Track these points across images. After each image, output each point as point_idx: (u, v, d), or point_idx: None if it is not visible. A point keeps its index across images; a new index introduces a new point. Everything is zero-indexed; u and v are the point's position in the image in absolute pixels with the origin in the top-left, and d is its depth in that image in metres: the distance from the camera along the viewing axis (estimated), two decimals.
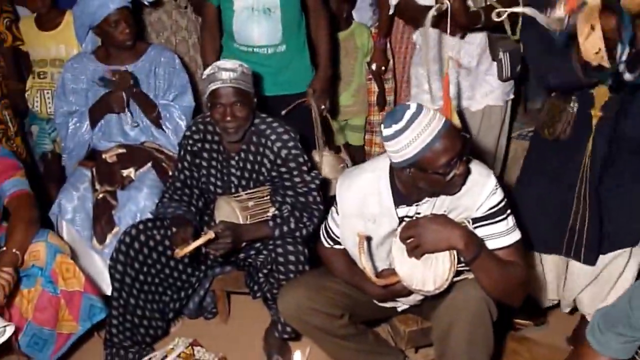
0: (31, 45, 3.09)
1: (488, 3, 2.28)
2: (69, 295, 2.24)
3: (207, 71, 2.33)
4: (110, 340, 2.39)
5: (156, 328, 2.46)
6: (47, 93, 3.10)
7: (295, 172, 2.33)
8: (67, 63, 2.88)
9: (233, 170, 2.43)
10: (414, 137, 1.73)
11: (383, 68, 3.24)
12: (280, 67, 2.80)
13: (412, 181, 1.82)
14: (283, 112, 2.73)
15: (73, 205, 2.64)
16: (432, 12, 2.08)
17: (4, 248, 2.15)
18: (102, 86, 2.70)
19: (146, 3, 2.94)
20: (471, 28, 2.37)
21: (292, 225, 2.29)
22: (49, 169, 3.20)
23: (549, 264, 2.35)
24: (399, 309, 2.14)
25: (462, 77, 2.64)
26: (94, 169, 2.77)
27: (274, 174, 2.37)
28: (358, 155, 3.48)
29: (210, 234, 2.13)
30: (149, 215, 2.52)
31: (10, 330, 2.07)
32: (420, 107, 1.76)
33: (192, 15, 3.33)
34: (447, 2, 2.12)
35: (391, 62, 3.31)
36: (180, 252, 2.12)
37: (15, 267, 2.12)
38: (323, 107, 2.84)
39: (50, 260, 2.21)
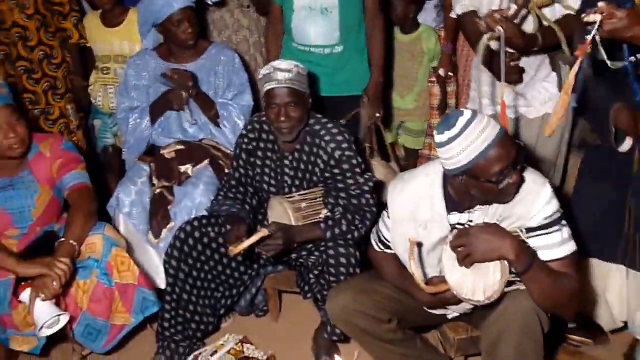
0: (95, 41, 3.18)
1: (544, 25, 2.19)
2: (123, 288, 2.30)
3: (263, 71, 2.34)
4: (162, 334, 2.43)
5: (207, 324, 2.49)
6: (110, 88, 3.17)
7: (348, 174, 2.31)
8: (130, 60, 2.95)
9: (287, 170, 2.43)
10: (467, 144, 1.69)
11: (450, 73, 3.18)
12: (336, 68, 2.78)
13: (464, 189, 1.78)
14: (343, 121, 2.70)
15: (131, 199, 2.70)
16: (485, 40, 2.01)
17: (63, 239, 2.22)
18: (164, 83, 2.75)
19: (210, 3, 2.96)
20: (529, 51, 2.29)
21: (345, 228, 2.27)
22: (109, 163, 3.29)
23: (612, 284, 2.25)
24: (449, 317, 2.10)
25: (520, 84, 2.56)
26: (152, 164, 2.82)
27: (327, 175, 2.36)
28: (411, 159, 3.43)
29: (264, 232, 2.15)
30: (204, 212, 2.56)
31: (65, 320, 2.14)
32: (474, 114, 1.71)
33: (254, 15, 3.35)
34: (501, 29, 2.02)
35: None
36: (235, 249, 2.15)
37: (72, 258, 2.18)
38: (378, 115, 2.80)
39: (107, 253, 2.27)
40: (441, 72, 3.18)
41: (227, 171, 2.73)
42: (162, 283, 2.57)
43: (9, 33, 2.91)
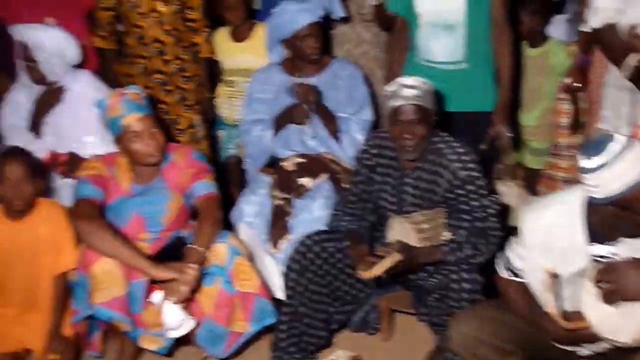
0: (223, 54, 3.29)
1: None
2: (244, 296, 2.35)
3: (389, 87, 2.33)
4: (276, 345, 2.46)
5: (320, 338, 2.50)
6: (235, 101, 3.27)
7: (473, 196, 2.25)
8: (255, 73, 3.04)
9: (407, 188, 2.40)
10: (620, 173, 1.59)
11: (579, 86, 3.02)
12: (461, 84, 2.72)
13: (611, 219, 1.67)
14: (481, 146, 2.64)
15: (253, 209, 2.77)
16: (631, 62, 1.88)
17: (191, 245, 2.30)
18: (289, 97, 2.81)
19: (337, 18, 3.00)
20: None
21: (469, 252, 2.21)
22: (231, 172, 3.39)
23: None
24: (579, 354, 1.98)
25: None
26: (273, 176, 2.89)
27: (450, 195, 2.31)
28: (531, 179, 3.29)
29: (397, 257, 2.13)
30: (322, 226, 2.58)
31: (191, 324, 2.22)
32: (628, 140, 1.61)
33: (375, 29, 3.35)
34: None
35: None
36: (366, 273, 2.14)
37: (201, 264, 2.26)
38: (508, 134, 2.71)
39: (230, 261, 2.33)
40: (568, 80, 3.03)
41: (345, 185, 2.73)
42: (278, 293, 2.61)
43: (148, 47, 3.08)
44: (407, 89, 2.26)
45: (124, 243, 2.23)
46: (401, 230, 2.31)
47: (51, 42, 2.72)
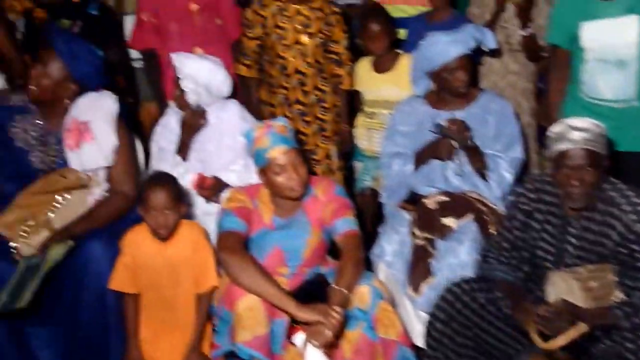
0: (364, 85, 3.24)
1: None
2: (386, 344, 2.23)
3: (555, 129, 2.15)
4: None
5: None
6: (375, 132, 3.20)
7: None
8: (398, 105, 2.95)
9: (570, 239, 2.19)
10: None
11: None
12: (632, 123, 2.49)
13: None
14: None
15: (393, 248, 2.65)
16: None
17: (335, 286, 2.22)
18: (435, 133, 2.68)
19: (487, 50, 2.86)
20: None
21: None
22: (366, 204, 3.31)
23: None
24: None
25: None
26: (414, 213, 2.76)
27: (622, 250, 2.08)
28: None
29: (583, 327, 1.93)
30: (470, 272, 2.42)
31: None
32: None
33: (523, 59, 3.20)
34: None
35: None
36: (548, 345, 1.96)
37: (345, 307, 2.17)
38: None
39: (374, 305, 2.23)
40: None
41: (491, 228, 2.56)
42: (418, 340, 2.47)
43: (290, 78, 3.10)
44: (577, 132, 2.08)
45: (269, 280, 2.19)
46: (566, 287, 2.09)
47: (200, 73, 2.75)
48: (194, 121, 2.79)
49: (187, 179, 2.70)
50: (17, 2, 3.37)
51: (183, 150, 2.82)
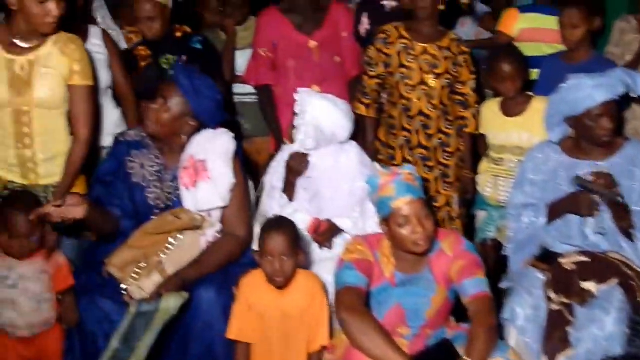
0: (491, 129, 3.05)
1: None
2: None
3: None
4: None
5: None
6: (501, 180, 3.00)
7: None
8: (529, 152, 2.73)
9: None
10: None
11: None
12: None
13: None
14: None
15: (525, 312, 2.40)
16: None
17: (466, 358, 2.01)
18: (577, 185, 2.42)
19: (637, 96, 2.58)
20: None
21: None
22: (487, 256, 3.07)
23: None
24: None
25: None
26: (547, 273, 2.50)
27: None
28: None
29: None
30: (618, 347, 2.14)
31: None
32: None
33: None
34: None
35: None
36: None
37: None
38: None
39: None
40: None
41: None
42: None
43: (414, 121, 2.97)
44: None
45: (392, 346, 2.02)
46: None
47: (313, 112, 2.63)
48: (295, 163, 2.66)
49: (296, 220, 2.58)
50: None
51: (289, 190, 2.70)
